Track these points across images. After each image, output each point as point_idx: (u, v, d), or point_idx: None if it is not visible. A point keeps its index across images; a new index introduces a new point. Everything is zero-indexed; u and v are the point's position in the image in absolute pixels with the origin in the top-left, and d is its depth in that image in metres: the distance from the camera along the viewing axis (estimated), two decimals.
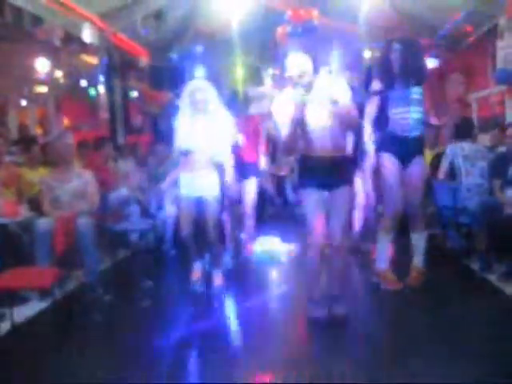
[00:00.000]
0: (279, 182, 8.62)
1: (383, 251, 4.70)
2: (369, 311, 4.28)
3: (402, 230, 4.80)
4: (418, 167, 4.59)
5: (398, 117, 4.49)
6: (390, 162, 4.56)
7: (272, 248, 6.10)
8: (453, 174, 5.59)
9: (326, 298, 3.93)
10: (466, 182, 5.45)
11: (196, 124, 4.72)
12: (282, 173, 8.62)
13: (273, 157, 8.87)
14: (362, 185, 5.73)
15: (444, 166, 5.66)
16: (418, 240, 4.71)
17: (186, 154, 4.75)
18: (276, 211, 8.57)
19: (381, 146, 4.63)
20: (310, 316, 3.93)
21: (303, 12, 7.98)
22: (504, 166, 5.16)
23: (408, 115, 4.47)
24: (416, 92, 4.49)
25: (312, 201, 3.88)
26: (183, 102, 4.80)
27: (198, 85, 4.85)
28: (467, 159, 5.47)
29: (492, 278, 4.79)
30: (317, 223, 3.88)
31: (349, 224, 4.20)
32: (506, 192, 5.02)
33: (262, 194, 7.57)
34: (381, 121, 4.60)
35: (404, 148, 4.51)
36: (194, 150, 4.70)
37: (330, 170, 3.83)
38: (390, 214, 4.62)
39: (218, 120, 4.77)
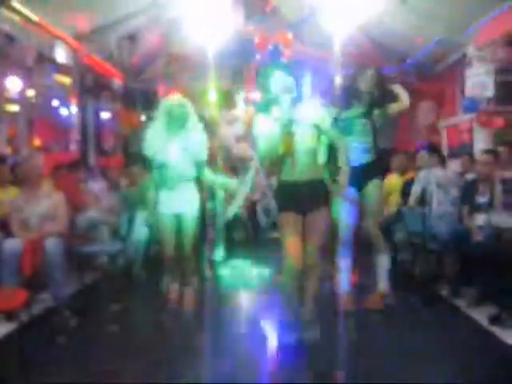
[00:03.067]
0: (251, 206, 8.60)
1: (343, 274, 4.77)
2: (333, 336, 4.26)
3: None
4: (371, 192, 4.67)
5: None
6: None
7: (241, 272, 6.08)
8: (423, 199, 5.67)
9: (298, 322, 3.91)
10: (437, 209, 5.53)
11: (173, 140, 4.70)
12: (255, 197, 8.61)
13: None
14: None
15: (415, 191, 5.75)
16: (380, 264, 4.75)
17: (161, 167, 4.71)
18: (247, 235, 8.54)
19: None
20: (281, 340, 3.90)
21: (277, 36, 8.07)
22: (472, 192, 5.25)
23: (351, 146, 4.55)
24: (359, 123, 4.61)
25: (289, 224, 3.90)
26: (160, 117, 4.77)
27: (177, 101, 4.76)
28: (440, 186, 5.56)
29: (461, 303, 4.84)
30: (293, 247, 3.88)
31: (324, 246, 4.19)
32: (474, 218, 5.10)
33: (233, 218, 7.56)
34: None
35: (352, 175, 4.59)
36: (171, 165, 4.67)
37: (308, 194, 3.88)
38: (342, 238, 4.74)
39: (195, 136, 4.75)
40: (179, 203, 4.71)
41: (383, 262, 4.73)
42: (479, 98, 6.65)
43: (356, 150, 4.60)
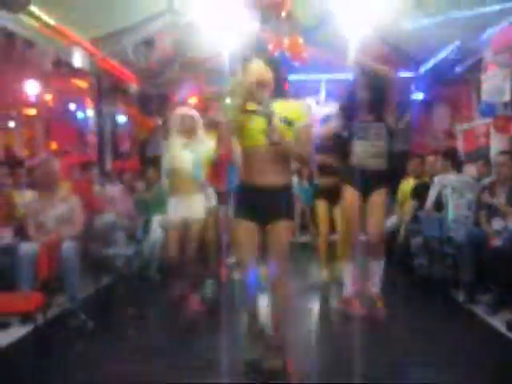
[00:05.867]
0: None
1: (349, 279, 4.80)
2: (350, 343, 4.23)
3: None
4: (379, 199, 4.65)
5: (357, 150, 4.63)
6: (350, 194, 4.69)
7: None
8: (439, 204, 5.65)
9: (264, 347, 3.58)
10: (453, 214, 5.50)
11: (183, 148, 4.89)
12: None
13: None
14: None
15: (432, 196, 5.73)
16: (376, 267, 4.72)
17: (170, 173, 4.91)
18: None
19: (343, 178, 4.80)
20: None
21: (287, 41, 8.06)
22: (490, 196, 5.20)
23: (367, 149, 4.60)
24: (376, 126, 4.60)
25: (245, 234, 3.50)
26: (172, 128, 5.00)
27: (186, 112, 5.02)
28: (456, 191, 5.53)
29: (477, 309, 4.80)
30: (250, 258, 3.53)
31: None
32: (492, 223, 5.06)
33: None
34: (343, 152, 4.76)
35: (364, 180, 4.61)
36: (180, 171, 4.80)
37: (267, 201, 3.43)
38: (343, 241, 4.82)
39: (203, 145, 4.93)
40: (186, 209, 4.85)
41: (378, 268, 4.71)
42: (496, 103, 6.60)
43: (370, 154, 4.61)
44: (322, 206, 5.87)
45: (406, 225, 6.20)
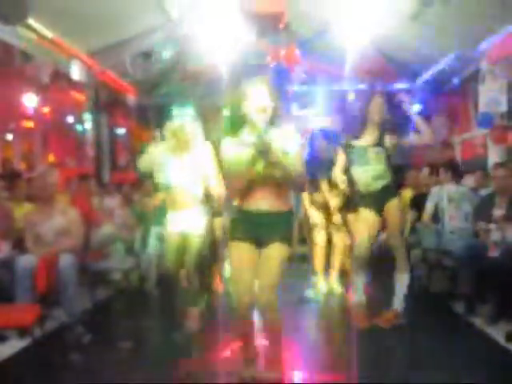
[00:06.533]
0: None
1: (357, 289, 4.80)
2: (351, 352, 4.22)
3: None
4: (391, 212, 4.68)
5: (359, 174, 4.69)
6: (365, 215, 4.72)
7: None
8: (437, 215, 5.65)
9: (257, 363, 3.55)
10: (450, 225, 5.50)
11: (180, 162, 4.73)
12: None
13: None
14: None
15: (429, 207, 5.73)
16: (398, 281, 4.73)
17: (168, 188, 4.76)
18: None
19: (354, 204, 4.88)
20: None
21: (284, 52, 8.09)
22: (489, 208, 5.19)
23: (367, 173, 4.65)
24: (373, 151, 4.63)
25: (242, 257, 3.43)
26: (166, 140, 4.83)
27: (181, 123, 4.77)
28: (452, 202, 5.54)
29: (476, 320, 4.78)
30: (244, 282, 3.40)
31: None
32: (490, 234, 5.04)
33: None
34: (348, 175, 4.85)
35: (371, 199, 4.68)
36: (178, 186, 4.69)
37: (265, 226, 3.39)
38: (356, 255, 4.79)
39: (201, 157, 4.74)
40: (185, 222, 4.72)
41: (403, 281, 4.71)
42: (493, 114, 6.61)
43: (371, 178, 4.65)
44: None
45: (405, 236, 6.20)
